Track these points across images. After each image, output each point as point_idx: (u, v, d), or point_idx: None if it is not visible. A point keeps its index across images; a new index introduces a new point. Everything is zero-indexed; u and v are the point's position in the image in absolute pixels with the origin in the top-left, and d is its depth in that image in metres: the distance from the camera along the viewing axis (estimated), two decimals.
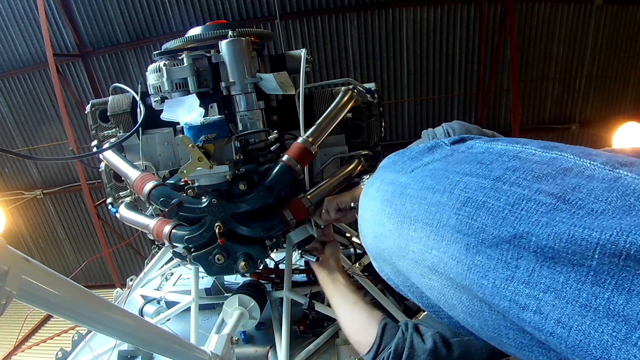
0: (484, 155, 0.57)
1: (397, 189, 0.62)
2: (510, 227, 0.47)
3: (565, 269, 0.42)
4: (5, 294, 0.61)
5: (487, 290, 0.48)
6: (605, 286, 0.39)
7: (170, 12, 6.17)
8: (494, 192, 0.50)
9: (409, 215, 0.58)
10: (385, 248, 0.63)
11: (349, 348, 1.58)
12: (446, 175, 0.56)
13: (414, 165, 0.63)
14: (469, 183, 0.53)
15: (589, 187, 0.45)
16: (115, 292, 2.32)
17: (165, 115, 1.42)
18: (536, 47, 6.48)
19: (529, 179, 0.49)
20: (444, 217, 0.53)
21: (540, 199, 0.47)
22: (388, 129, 6.90)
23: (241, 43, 1.51)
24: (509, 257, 0.46)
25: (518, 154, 0.54)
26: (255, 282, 1.80)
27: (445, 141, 0.64)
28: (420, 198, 0.57)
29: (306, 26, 6.26)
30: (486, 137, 0.62)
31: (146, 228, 1.66)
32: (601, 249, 0.40)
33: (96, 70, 6.64)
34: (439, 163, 0.60)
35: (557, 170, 0.49)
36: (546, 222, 0.44)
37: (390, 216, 0.61)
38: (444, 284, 0.54)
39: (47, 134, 7.18)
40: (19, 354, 7.03)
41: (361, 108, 1.83)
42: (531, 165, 0.51)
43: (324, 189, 1.66)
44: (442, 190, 0.55)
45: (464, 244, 0.50)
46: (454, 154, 0.61)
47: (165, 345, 1.07)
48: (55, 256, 8.28)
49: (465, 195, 0.52)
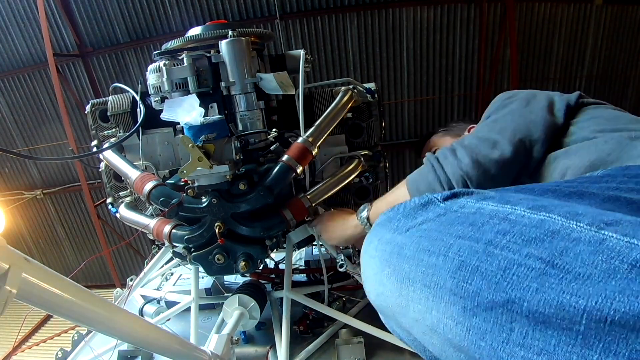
0: (475, 217, 0.59)
1: (394, 249, 0.64)
2: (503, 292, 0.49)
3: (556, 332, 0.45)
4: (5, 294, 0.61)
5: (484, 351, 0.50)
6: (593, 349, 0.42)
7: (170, 12, 6.16)
8: (486, 256, 0.52)
9: (407, 276, 0.60)
10: (387, 306, 0.66)
11: (349, 348, 1.58)
12: (440, 238, 0.59)
13: (408, 224, 0.65)
14: (462, 246, 0.55)
15: (575, 250, 0.48)
16: (115, 292, 2.31)
17: (165, 115, 1.42)
18: (536, 47, 6.49)
19: (519, 243, 0.52)
20: (440, 280, 0.55)
21: (530, 264, 0.49)
22: (388, 129, 6.90)
23: (241, 43, 1.51)
24: (504, 320, 0.48)
25: (508, 215, 0.56)
26: (255, 282, 1.80)
27: (437, 197, 0.67)
28: (417, 260, 0.59)
29: (306, 26, 6.25)
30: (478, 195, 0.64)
31: (146, 228, 1.66)
32: (587, 315, 0.43)
33: (96, 70, 6.64)
34: (432, 223, 0.63)
35: (545, 234, 0.51)
36: (536, 287, 0.47)
37: (389, 276, 0.63)
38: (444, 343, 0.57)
39: (47, 134, 7.18)
40: (19, 354, 7.03)
41: (361, 108, 1.83)
42: (520, 228, 0.53)
43: (324, 189, 1.66)
44: (437, 252, 0.57)
45: (461, 306, 0.52)
46: (447, 213, 0.63)
47: (165, 345, 1.07)
48: (55, 256, 8.28)
49: (460, 259, 0.54)
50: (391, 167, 7.57)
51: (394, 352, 1.58)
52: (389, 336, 1.57)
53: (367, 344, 1.60)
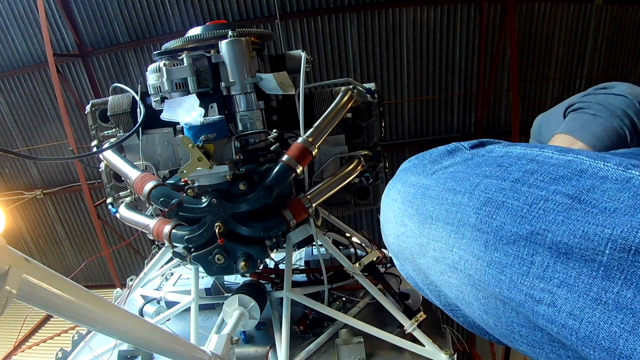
0: (503, 159, 0.60)
1: (419, 190, 0.65)
2: (527, 224, 0.49)
3: (578, 264, 0.44)
4: (6, 294, 0.61)
5: (504, 285, 0.51)
6: (614, 280, 0.41)
7: (170, 12, 6.17)
8: (513, 193, 0.53)
9: (430, 215, 0.61)
10: (407, 247, 0.66)
11: (349, 348, 1.58)
12: (467, 178, 0.59)
13: (434, 168, 0.66)
14: (489, 185, 0.56)
15: (602, 187, 0.48)
16: (115, 292, 2.32)
17: (165, 116, 1.42)
18: (536, 47, 6.48)
19: (547, 181, 0.52)
20: (464, 217, 0.56)
21: (557, 200, 0.49)
22: (388, 129, 6.89)
23: (241, 43, 1.52)
24: (525, 254, 0.49)
25: (536, 157, 0.57)
26: (255, 282, 1.80)
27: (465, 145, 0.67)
28: (441, 199, 0.60)
29: (306, 26, 6.25)
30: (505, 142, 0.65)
31: (146, 228, 1.66)
32: (612, 244, 0.42)
33: (96, 70, 6.64)
34: (459, 166, 0.63)
35: (572, 172, 0.52)
36: (562, 220, 0.47)
37: (412, 216, 0.64)
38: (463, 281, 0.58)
39: (47, 134, 7.18)
40: (19, 354, 7.03)
41: (361, 108, 1.83)
42: (548, 167, 0.54)
43: (324, 189, 1.66)
44: (462, 191, 0.58)
45: (483, 242, 0.53)
46: (474, 157, 0.64)
47: (165, 345, 1.07)
48: (55, 256, 8.28)
49: (486, 196, 0.55)
50: (391, 167, 7.54)
51: (394, 352, 1.58)
52: (389, 336, 1.57)
53: (367, 344, 1.60)
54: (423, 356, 1.52)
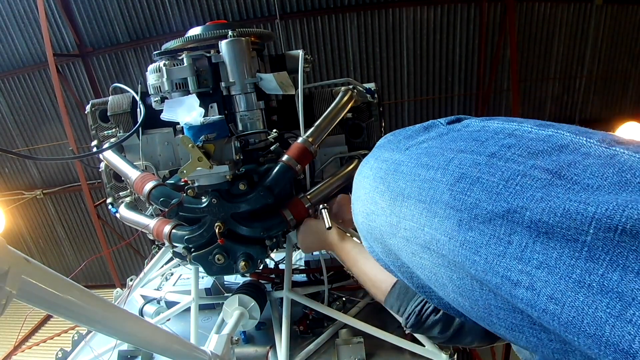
0: (479, 133, 0.56)
1: (391, 166, 0.61)
2: (504, 202, 0.46)
3: (559, 244, 0.41)
4: (5, 294, 0.61)
5: (479, 266, 0.47)
6: (599, 262, 0.38)
7: (170, 12, 6.16)
8: (489, 167, 0.49)
9: (401, 192, 0.57)
10: (376, 226, 0.62)
11: (349, 348, 1.58)
12: (441, 153, 0.56)
13: (409, 143, 0.63)
14: (463, 159, 0.52)
15: (585, 163, 0.45)
16: (115, 292, 2.32)
17: (165, 116, 1.42)
18: (536, 47, 6.48)
19: (525, 155, 0.49)
20: (437, 194, 0.52)
21: (536, 175, 0.46)
22: (388, 129, 6.87)
23: (241, 43, 1.52)
24: (501, 233, 0.45)
25: (514, 131, 0.54)
26: (255, 282, 1.80)
27: (441, 121, 0.64)
28: (413, 175, 0.56)
29: (306, 26, 6.25)
30: (482, 117, 0.62)
31: (146, 228, 1.66)
32: (596, 223, 0.39)
33: (96, 70, 6.64)
34: (434, 141, 0.60)
35: (553, 147, 0.49)
36: (541, 196, 0.44)
37: (382, 194, 0.60)
38: (436, 262, 0.54)
39: (47, 134, 7.18)
40: (19, 354, 7.03)
41: (361, 108, 1.83)
42: (527, 142, 0.51)
43: (324, 189, 1.66)
44: (436, 167, 0.54)
45: (456, 220, 0.49)
46: (450, 132, 0.60)
47: (165, 345, 1.07)
48: (55, 256, 8.28)
49: (460, 171, 0.51)
50: None
51: (394, 352, 1.58)
52: (389, 336, 1.57)
53: (367, 344, 1.60)
54: (423, 356, 1.52)
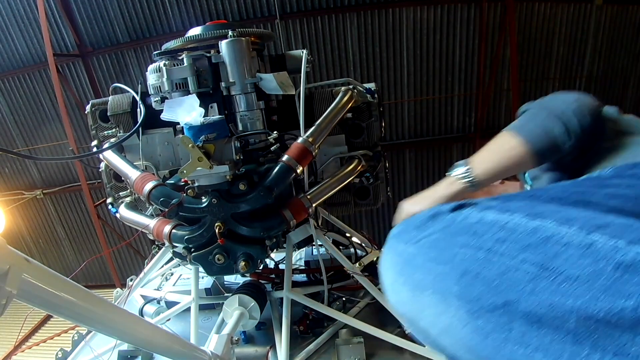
0: (477, 226, 0.66)
1: (407, 259, 0.71)
2: (501, 295, 0.55)
3: (550, 330, 0.50)
4: (5, 294, 0.61)
5: (489, 350, 0.56)
6: (583, 345, 0.47)
7: (170, 12, 6.16)
8: (486, 263, 0.59)
9: (419, 284, 0.67)
10: (406, 311, 0.72)
11: (349, 348, 1.58)
12: (447, 247, 0.66)
13: (419, 235, 0.72)
14: (465, 255, 0.62)
15: (566, 254, 0.53)
16: (115, 292, 2.32)
17: (165, 116, 1.43)
18: (536, 47, 6.48)
19: (516, 249, 0.58)
20: (448, 286, 0.61)
21: (525, 268, 0.55)
22: (388, 129, 6.89)
23: (241, 43, 1.52)
24: (503, 321, 0.54)
25: (506, 224, 0.63)
26: (255, 282, 1.80)
27: (445, 209, 0.73)
28: (427, 268, 0.66)
29: (306, 26, 6.25)
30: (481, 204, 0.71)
31: (146, 228, 1.66)
32: (576, 313, 0.48)
33: (96, 70, 6.64)
34: (440, 234, 0.70)
35: (539, 240, 0.57)
36: (531, 289, 0.53)
37: (403, 284, 0.70)
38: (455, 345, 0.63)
39: (47, 134, 7.17)
40: (19, 354, 7.03)
41: (361, 108, 1.83)
42: (517, 236, 0.60)
43: (324, 189, 1.66)
44: (444, 261, 0.64)
45: (467, 310, 0.58)
46: (452, 225, 0.70)
47: (165, 345, 1.07)
48: (55, 256, 8.28)
49: (463, 266, 0.61)
50: (391, 167, 7.56)
51: (394, 352, 1.58)
52: (389, 336, 1.58)
53: (367, 344, 1.60)
54: (423, 356, 1.52)
